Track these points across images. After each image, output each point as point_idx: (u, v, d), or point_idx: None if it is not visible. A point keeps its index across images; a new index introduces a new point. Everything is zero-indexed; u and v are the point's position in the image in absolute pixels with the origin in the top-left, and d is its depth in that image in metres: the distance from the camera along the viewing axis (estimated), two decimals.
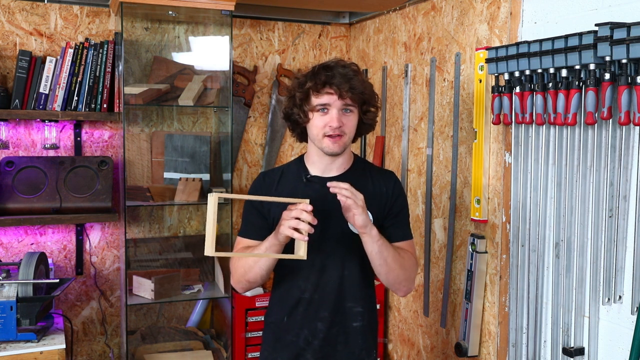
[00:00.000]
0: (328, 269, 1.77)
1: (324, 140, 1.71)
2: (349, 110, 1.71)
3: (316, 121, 1.71)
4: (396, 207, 1.82)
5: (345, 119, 1.70)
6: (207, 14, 2.90)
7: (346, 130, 1.71)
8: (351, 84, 1.67)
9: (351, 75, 1.68)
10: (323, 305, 1.77)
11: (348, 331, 1.80)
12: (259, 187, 1.85)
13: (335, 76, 1.67)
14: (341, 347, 1.80)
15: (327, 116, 1.69)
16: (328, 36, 3.39)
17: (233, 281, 1.83)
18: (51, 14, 2.86)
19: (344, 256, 1.77)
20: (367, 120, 1.77)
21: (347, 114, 1.71)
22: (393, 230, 1.81)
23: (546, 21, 2.02)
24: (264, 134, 3.30)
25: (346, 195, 1.60)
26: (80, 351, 3.01)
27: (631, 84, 1.60)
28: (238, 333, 2.87)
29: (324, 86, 1.67)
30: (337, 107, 1.69)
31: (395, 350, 3.00)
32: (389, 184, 1.83)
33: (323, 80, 1.67)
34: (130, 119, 2.99)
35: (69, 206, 2.78)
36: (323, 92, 1.68)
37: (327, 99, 1.68)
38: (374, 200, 1.77)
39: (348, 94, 1.67)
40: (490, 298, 2.30)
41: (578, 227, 1.87)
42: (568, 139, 1.88)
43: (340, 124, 1.69)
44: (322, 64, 1.74)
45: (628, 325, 1.74)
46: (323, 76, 1.68)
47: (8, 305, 2.26)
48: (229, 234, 2.94)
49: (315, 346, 1.79)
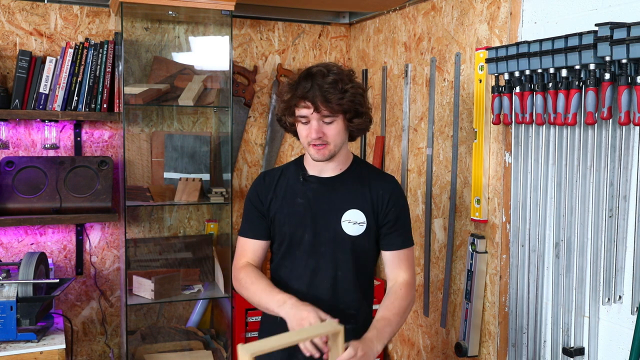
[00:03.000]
0: (321, 270, 1.77)
1: (310, 149, 1.73)
2: (329, 121, 1.69)
3: (300, 130, 1.73)
4: (393, 213, 1.79)
5: (327, 128, 1.69)
6: (207, 14, 2.90)
7: (328, 139, 1.70)
8: (326, 96, 1.64)
9: (327, 87, 1.65)
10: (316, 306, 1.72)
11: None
12: (259, 187, 1.86)
13: (312, 88, 1.65)
14: None
15: (308, 127, 1.70)
16: (328, 36, 3.39)
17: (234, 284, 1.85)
18: (51, 14, 2.85)
19: (337, 257, 1.77)
20: (352, 127, 1.74)
21: (328, 124, 1.69)
22: (390, 239, 1.80)
23: (546, 21, 2.02)
24: (264, 134, 3.30)
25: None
26: (80, 351, 3.01)
27: (631, 84, 1.60)
28: (238, 333, 2.87)
29: (301, 99, 1.68)
30: (316, 119, 1.68)
31: (395, 350, 3.00)
32: (387, 189, 1.80)
33: (299, 94, 1.67)
34: (130, 119, 2.99)
35: (69, 206, 2.78)
36: (300, 105, 1.69)
37: (305, 112, 1.69)
38: (369, 204, 1.77)
39: (324, 106, 1.65)
40: (490, 298, 2.30)
41: (578, 227, 1.87)
42: (568, 139, 1.88)
43: (321, 135, 1.68)
44: (307, 70, 1.72)
45: (628, 325, 1.74)
46: (300, 89, 1.67)
47: (8, 305, 2.26)
48: (229, 234, 2.94)
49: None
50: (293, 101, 1.69)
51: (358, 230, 1.76)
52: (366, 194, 1.77)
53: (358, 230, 1.76)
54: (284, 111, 1.75)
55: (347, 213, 1.76)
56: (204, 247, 3.10)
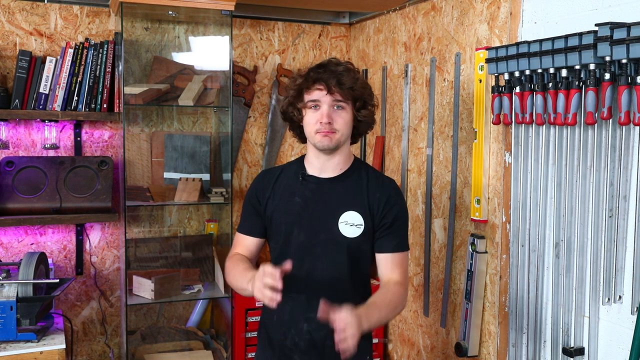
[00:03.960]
0: (317, 270, 1.76)
1: (316, 136, 1.73)
2: (340, 106, 1.72)
3: (308, 117, 1.74)
4: (389, 217, 1.77)
5: (336, 115, 1.72)
6: (207, 14, 2.90)
7: (337, 126, 1.72)
8: (340, 79, 1.70)
9: (341, 72, 1.71)
10: (311, 306, 1.71)
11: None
12: (258, 185, 1.88)
13: (326, 72, 1.71)
14: (329, 350, 1.72)
15: (318, 112, 1.72)
16: (328, 36, 3.39)
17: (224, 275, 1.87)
18: (51, 14, 2.85)
19: (333, 258, 1.76)
20: (361, 117, 1.76)
21: (338, 111, 1.72)
22: (384, 242, 1.78)
23: (546, 21, 2.02)
24: (264, 134, 3.30)
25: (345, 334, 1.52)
26: (80, 351, 3.01)
27: (631, 84, 1.60)
28: (238, 333, 2.87)
29: (314, 82, 1.71)
30: (327, 103, 1.71)
31: (395, 350, 3.00)
32: (385, 192, 1.79)
33: (313, 77, 1.72)
34: (130, 119, 2.99)
35: (69, 206, 2.78)
36: (313, 88, 1.72)
37: (317, 94, 1.71)
38: (367, 207, 1.77)
39: (336, 88, 1.69)
40: (490, 298, 2.30)
41: (578, 227, 1.87)
42: (568, 139, 1.88)
43: (330, 120, 1.70)
44: (317, 63, 1.78)
45: (628, 325, 1.74)
46: (314, 73, 1.72)
47: (8, 305, 2.26)
48: (229, 234, 2.94)
49: (302, 347, 1.78)
50: (305, 84, 1.72)
51: (355, 232, 1.76)
52: (364, 196, 1.77)
53: (355, 232, 1.76)
54: (294, 98, 1.76)
55: (344, 214, 1.76)
56: (204, 247, 3.10)
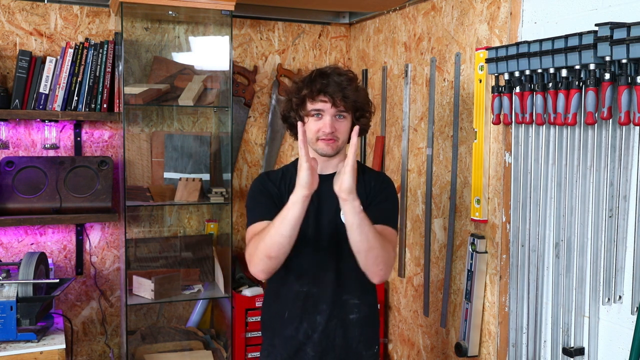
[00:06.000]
0: (325, 263, 1.83)
1: (318, 143, 1.79)
2: (342, 116, 1.79)
3: (311, 125, 1.79)
4: (380, 198, 1.85)
5: (338, 124, 1.79)
6: (207, 14, 2.90)
7: (339, 135, 1.79)
8: (344, 93, 1.76)
9: (345, 85, 1.77)
10: (321, 298, 1.83)
11: (345, 324, 1.85)
12: (264, 182, 1.88)
13: (330, 84, 1.76)
14: (339, 340, 1.85)
15: (321, 121, 1.78)
16: (328, 36, 3.39)
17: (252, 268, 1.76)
18: (51, 14, 2.85)
19: (339, 249, 1.81)
20: (360, 125, 1.81)
21: (339, 120, 1.79)
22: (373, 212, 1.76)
23: (546, 21, 2.02)
24: (264, 134, 3.30)
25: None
26: (80, 351, 3.01)
27: (631, 84, 1.60)
28: (238, 333, 2.87)
29: (319, 94, 1.76)
30: (331, 114, 1.77)
31: (395, 350, 3.00)
32: (379, 181, 1.89)
33: (318, 88, 1.76)
34: (130, 119, 2.99)
35: (69, 206, 2.78)
36: (318, 99, 1.77)
37: (321, 105, 1.77)
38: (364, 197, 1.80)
39: (341, 102, 1.76)
40: (490, 298, 2.30)
41: (578, 227, 1.87)
42: (568, 139, 1.88)
43: (333, 130, 1.77)
44: (319, 69, 1.82)
45: (628, 325, 1.74)
46: (319, 84, 1.76)
47: (8, 305, 2.26)
48: (229, 234, 2.94)
49: (315, 339, 1.84)
50: (312, 95, 1.76)
51: None
52: (360, 187, 1.81)
53: None
54: (297, 106, 1.81)
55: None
56: (204, 247, 3.10)
